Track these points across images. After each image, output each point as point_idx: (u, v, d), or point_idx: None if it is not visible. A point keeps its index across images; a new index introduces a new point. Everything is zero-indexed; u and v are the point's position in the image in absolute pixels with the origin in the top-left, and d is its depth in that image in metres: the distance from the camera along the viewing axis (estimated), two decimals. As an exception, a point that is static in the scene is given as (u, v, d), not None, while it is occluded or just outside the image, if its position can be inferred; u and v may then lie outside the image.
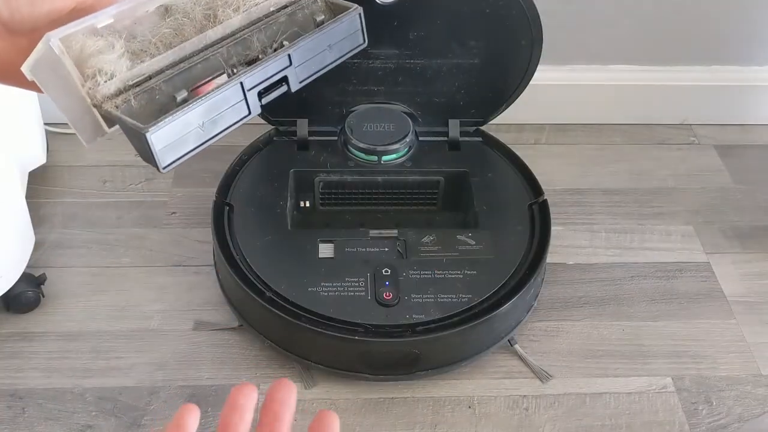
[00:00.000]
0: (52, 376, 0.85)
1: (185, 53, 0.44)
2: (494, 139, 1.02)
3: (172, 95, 0.43)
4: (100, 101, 0.41)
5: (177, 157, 0.42)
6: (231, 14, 0.46)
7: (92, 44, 0.41)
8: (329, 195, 0.97)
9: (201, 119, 0.42)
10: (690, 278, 1.00)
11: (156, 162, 0.41)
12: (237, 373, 0.86)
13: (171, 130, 0.41)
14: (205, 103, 0.42)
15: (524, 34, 0.93)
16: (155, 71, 0.43)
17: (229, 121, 0.44)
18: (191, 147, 0.42)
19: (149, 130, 0.39)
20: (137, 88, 0.42)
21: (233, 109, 0.44)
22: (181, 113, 0.41)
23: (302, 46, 0.46)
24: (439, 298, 0.82)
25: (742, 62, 1.20)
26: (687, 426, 0.83)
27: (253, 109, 0.45)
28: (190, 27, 0.45)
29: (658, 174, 1.16)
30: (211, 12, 0.45)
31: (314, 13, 0.49)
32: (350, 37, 0.49)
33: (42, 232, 1.01)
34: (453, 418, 0.83)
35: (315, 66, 0.48)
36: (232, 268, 0.84)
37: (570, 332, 0.93)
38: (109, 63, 0.41)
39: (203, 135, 0.43)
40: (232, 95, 0.43)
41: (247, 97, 0.44)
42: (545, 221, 0.91)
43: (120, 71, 0.41)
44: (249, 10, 0.47)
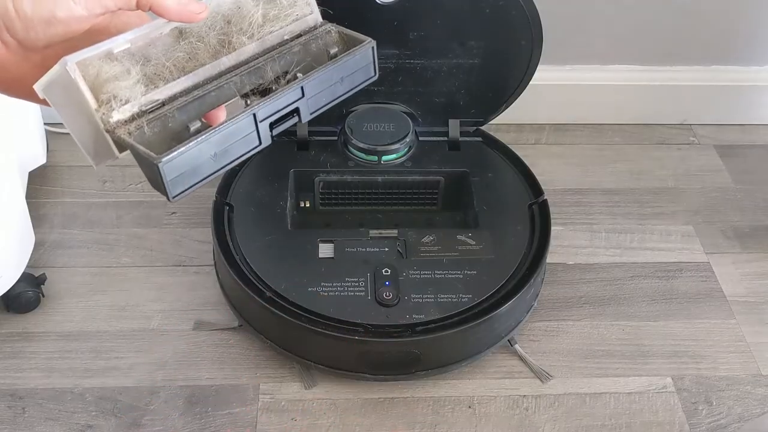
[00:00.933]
0: (52, 376, 0.85)
1: (199, 79, 0.44)
2: (494, 139, 1.02)
3: (186, 124, 0.43)
4: (113, 127, 0.41)
5: (186, 188, 0.42)
6: (245, 41, 0.46)
7: (108, 69, 0.41)
8: (329, 195, 0.97)
9: (213, 150, 0.42)
10: (690, 278, 1.00)
11: (166, 191, 0.41)
12: (237, 373, 0.86)
13: (183, 160, 0.41)
14: (218, 134, 0.42)
15: (524, 34, 0.93)
16: (169, 97, 0.43)
17: (240, 151, 0.44)
18: (201, 177, 0.42)
19: (161, 160, 0.39)
20: (150, 115, 0.42)
21: (245, 139, 0.44)
22: (194, 144, 0.41)
23: (315, 78, 0.46)
24: (439, 298, 0.82)
25: (742, 62, 1.20)
26: (687, 426, 0.83)
27: (264, 140, 0.45)
28: (204, 51, 0.45)
29: (658, 174, 1.16)
30: (225, 38, 0.45)
31: (328, 44, 0.49)
32: (362, 69, 0.49)
33: (42, 232, 1.01)
34: (453, 418, 0.83)
35: (326, 98, 0.48)
36: (232, 268, 0.84)
37: (570, 332, 0.93)
38: (124, 89, 0.41)
39: (214, 165, 0.43)
40: (244, 126, 0.43)
41: (259, 128, 0.44)
42: (545, 221, 0.91)
43: (135, 98, 0.41)
44: (263, 38, 0.47)
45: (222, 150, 0.43)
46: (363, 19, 0.92)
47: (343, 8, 0.88)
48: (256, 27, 0.46)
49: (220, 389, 0.85)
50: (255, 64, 0.46)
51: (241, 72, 0.45)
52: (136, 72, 0.42)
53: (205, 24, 0.45)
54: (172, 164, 0.40)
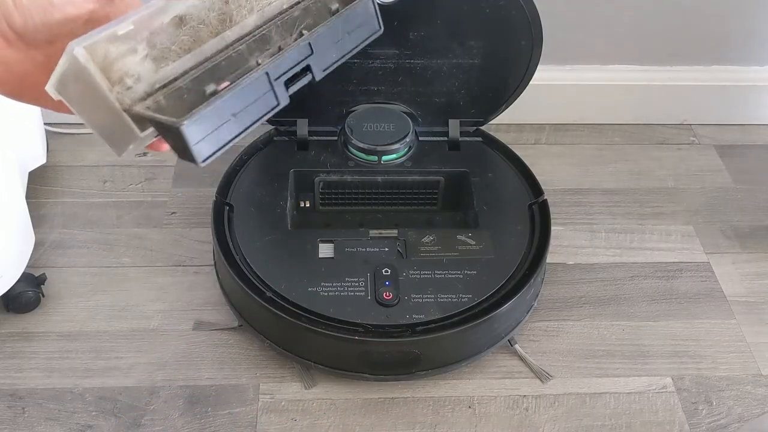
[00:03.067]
0: (52, 376, 0.85)
1: (206, 54, 0.45)
2: (494, 139, 1.02)
3: (201, 90, 0.43)
4: (130, 105, 0.41)
5: (213, 150, 0.42)
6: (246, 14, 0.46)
7: (115, 49, 0.41)
8: (329, 195, 0.97)
9: (232, 110, 0.42)
10: (690, 278, 1.00)
11: (193, 156, 0.41)
12: (237, 373, 0.86)
13: (204, 121, 0.41)
14: (233, 92, 0.42)
15: (524, 34, 0.93)
16: (180, 73, 0.43)
17: (260, 111, 0.44)
18: (226, 139, 0.43)
19: (183, 123, 0.39)
20: (165, 89, 0.42)
21: (262, 99, 0.44)
22: (212, 104, 0.41)
23: (321, 33, 0.47)
24: (439, 298, 0.82)
25: (742, 62, 1.20)
26: (687, 426, 0.83)
27: (282, 100, 0.45)
28: (206, 32, 0.45)
29: (658, 174, 1.16)
30: (226, 16, 0.46)
31: (327, 3, 0.50)
32: (366, 23, 0.51)
33: (42, 232, 1.01)
34: (453, 418, 0.83)
35: (336, 53, 0.49)
36: (232, 268, 0.84)
37: (570, 332, 0.93)
38: (134, 65, 0.41)
39: (236, 126, 0.43)
40: (259, 85, 0.44)
41: (275, 87, 0.45)
42: (545, 221, 0.91)
43: (146, 73, 0.41)
44: (263, 9, 0.47)
45: (241, 110, 0.43)
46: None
47: (343, 8, 0.88)
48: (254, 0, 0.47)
49: (220, 389, 0.85)
50: (259, 33, 0.47)
51: (247, 41, 0.46)
52: (143, 48, 0.42)
53: (204, 7, 0.46)
54: (194, 127, 0.40)
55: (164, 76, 0.43)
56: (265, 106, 0.45)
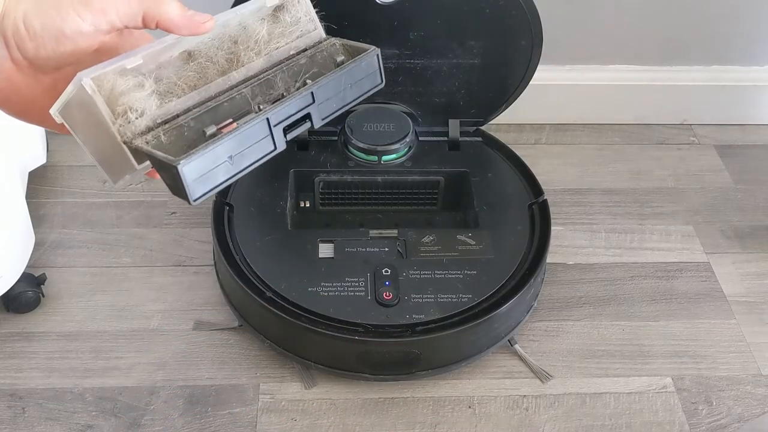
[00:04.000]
0: (52, 376, 0.85)
1: (211, 93, 0.46)
2: (494, 139, 1.02)
3: (201, 131, 0.44)
4: (130, 138, 0.42)
5: (207, 190, 0.43)
6: (253, 57, 0.47)
7: (123, 83, 0.42)
8: (329, 195, 0.97)
9: (229, 153, 0.43)
10: (690, 278, 1.00)
11: (187, 195, 0.41)
12: (237, 373, 0.86)
13: (201, 162, 0.41)
14: (233, 137, 0.43)
15: (524, 34, 0.93)
16: (183, 110, 0.44)
17: (256, 155, 0.45)
18: (220, 180, 0.43)
19: (180, 162, 0.40)
20: (166, 125, 0.43)
21: (260, 144, 0.45)
22: (211, 146, 0.42)
23: (324, 84, 0.48)
24: (439, 298, 0.82)
25: (742, 62, 1.20)
26: (687, 426, 0.83)
27: (279, 145, 0.46)
28: (213, 70, 0.46)
29: (658, 174, 1.16)
30: (234, 56, 0.47)
31: (334, 54, 0.51)
32: (369, 76, 0.51)
33: (42, 232, 1.01)
34: (453, 418, 0.83)
35: (336, 103, 0.49)
36: (232, 268, 0.84)
37: (570, 332, 0.93)
38: (139, 101, 0.42)
39: (232, 169, 0.44)
40: (258, 131, 0.45)
41: (273, 133, 0.45)
42: (545, 221, 0.91)
43: (150, 109, 0.42)
44: (270, 53, 0.48)
45: (238, 153, 0.44)
46: (363, 19, 0.92)
47: (344, 8, 0.88)
48: (262, 44, 0.48)
49: (220, 389, 0.85)
50: (264, 77, 0.47)
51: (251, 83, 0.47)
52: (150, 85, 0.43)
53: (213, 45, 0.46)
54: (191, 166, 0.41)
55: (167, 112, 0.43)
56: (262, 150, 0.45)
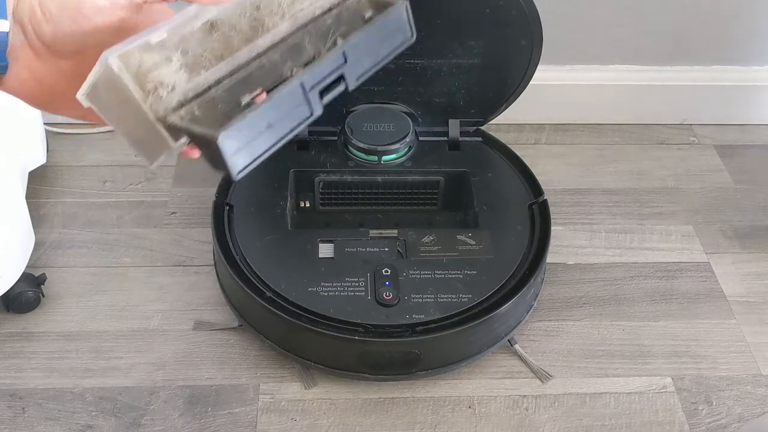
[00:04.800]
0: (52, 376, 0.85)
1: (239, 62, 0.44)
2: (494, 139, 1.02)
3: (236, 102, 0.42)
4: (163, 115, 0.40)
5: (248, 162, 0.41)
6: (278, 21, 0.45)
7: (150, 58, 0.40)
8: (329, 195, 0.97)
9: (267, 121, 0.41)
10: (690, 278, 1.00)
11: (228, 168, 0.40)
12: (237, 373, 0.86)
13: (240, 133, 0.40)
14: (268, 103, 0.41)
15: (524, 34, 0.93)
16: (213, 82, 0.43)
17: (294, 122, 0.44)
18: (261, 150, 0.42)
19: (219, 134, 0.38)
20: (198, 99, 0.41)
21: (296, 110, 0.43)
22: (248, 115, 0.40)
23: (355, 42, 0.46)
24: (439, 298, 0.82)
25: (742, 62, 1.20)
26: (687, 426, 0.83)
27: (315, 109, 0.44)
28: (237, 39, 0.44)
29: (658, 174, 1.16)
30: (258, 23, 0.45)
31: (361, 10, 0.49)
32: (399, 30, 0.50)
33: (42, 232, 1.01)
34: (453, 418, 0.83)
35: (369, 61, 0.48)
36: (232, 268, 0.84)
37: (570, 332, 0.93)
38: (169, 75, 0.40)
39: (270, 138, 0.42)
40: (293, 96, 0.43)
41: (309, 97, 0.44)
42: (545, 221, 0.91)
43: (180, 83, 0.41)
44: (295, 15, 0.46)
45: (275, 120, 0.42)
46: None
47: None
48: (286, 6, 0.46)
49: (220, 389, 0.85)
50: (292, 40, 0.46)
51: (280, 49, 0.45)
52: (177, 58, 0.41)
53: (235, 12, 0.44)
54: (230, 138, 0.39)
55: (197, 85, 0.42)
56: (299, 116, 0.44)
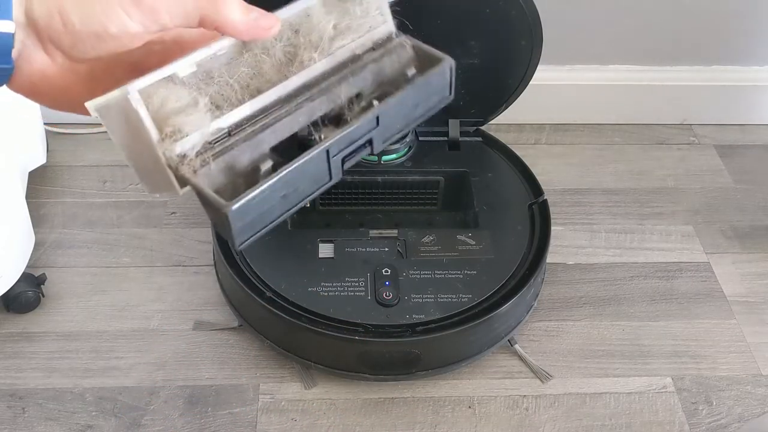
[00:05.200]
0: (52, 376, 0.85)
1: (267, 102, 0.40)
2: (494, 139, 1.02)
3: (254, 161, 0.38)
4: (176, 162, 0.37)
5: (252, 234, 0.38)
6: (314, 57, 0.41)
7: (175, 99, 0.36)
8: (329, 195, 0.97)
9: (283, 191, 0.38)
10: (690, 278, 1.00)
11: (232, 239, 0.37)
12: (237, 373, 0.86)
13: (252, 205, 0.36)
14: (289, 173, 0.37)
15: (524, 34, 0.93)
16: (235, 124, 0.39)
17: (310, 189, 0.40)
18: (269, 221, 0.38)
19: (230, 208, 0.35)
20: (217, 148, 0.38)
21: (315, 176, 0.39)
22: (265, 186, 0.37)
23: (391, 104, 0.41)
24: (439, 298, 0.82)
25: (742, 62, 1.20)
26: (687, 426, 0.83)
27: (335, 176, 0.40)
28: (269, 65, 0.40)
29: (658, 174, 1.16)
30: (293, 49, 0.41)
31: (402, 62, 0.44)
32: (439, 90, 0.44)
33: (42, 232, 1.01)
34: (453, 418, 0.83)
35: (401, 124, 0.43)
36: (232, 268, 0.84)
37: (570, 332, 0.93)
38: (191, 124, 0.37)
39: (282, 207, 0.38)
40: (316, 163, 0.39)
41: (331, 164, 0.40)
42: (545, 221, 0.91)
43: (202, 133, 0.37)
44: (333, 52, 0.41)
45: (292, 190, 0.38)
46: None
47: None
48: (326, 40, 0.41)
49: (220, 389, 0.85)
50: (326, 86, 0.41)
51: (312, 96, 0.40)
52: (204, 104, 0.37)
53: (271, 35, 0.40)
54: (241, 211, 0.36)
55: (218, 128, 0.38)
56: (316, 182, 0.40)
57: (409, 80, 0.43)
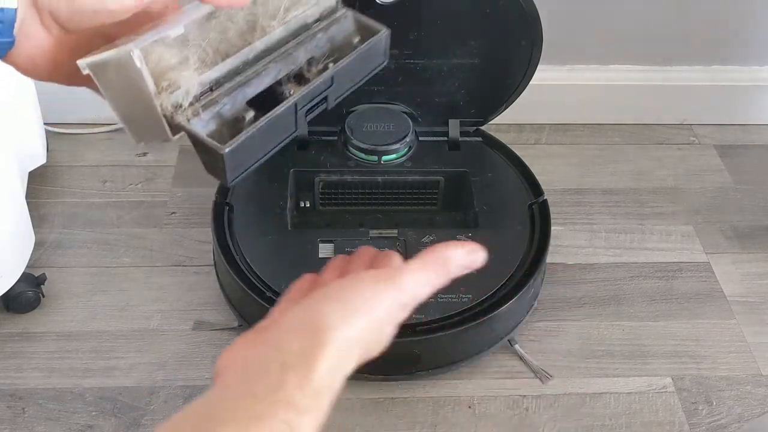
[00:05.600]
0: (52, 376, 0.85)
1: (237, 63, 0.46)
2: (494, 139, 1.02)
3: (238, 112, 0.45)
4: (171, 112, 0.42)
5: (240, 172, 0.44)
6: (273, 24, 0.48)
7: (169, 56, 0.42)
8: (329, 195, 0.97)
9: (263, 137, 0.44)
10: (690, 278, 1.00)
11: (225, 177, 0.43)
12: (237, 373, 0.86)
13: (241, 148, 0.43)
14: (268, 119, 0.44)
15: (524, 34, 0.93)
16: (214, 81, 0.45)
17: (281, 137, 0.46)
18: (251, 163, 0.45)
19: (225, 150, 0.41)
20: (202, 99, 0.44)
21: (284, 126, 0.46)
22: (251, 131, 0.43)
23: (343, 67, 0.49)
24: (439, 298, 0.82)
25: (742, 62, 1.20)
26: (687, 426, 0.83)
27: (300, 126, 0.47)
28: (233, 31, 0.46)
29: (658, 174, 1.16)
30: (253, 19, 0.47)
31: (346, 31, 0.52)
32: (378, 56, 0.52)
33: (42, 232, 1.01)
34: (453, 418, 0.83)
35: (349, 84, 0.51)
36: (232, 268, 0.84)
37: (570, 332, 0.92)
38: (185, 78, 0.42)
39: (261, 151, 0.45)
40: (287, 113, 0.46)
41: (297, 116, 0.47)
42: (545, 221, 0.91)
43: (193, 87, 0.43)
44: (287, 21, 0.48)
45: (268, 135, 0.45)
46: (363, 19, 0.92)
47: (343, 8, 0.88)
48: (282, 11, 0.48)
49: (220, 389, 0.85)
50: (286, 50, 0.48)
51: (275, 58, 0.48)
52: (194, 61, 0.43)
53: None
54: (234, 152, 0.42)
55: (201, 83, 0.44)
56: (285, 132, 0.47)
57: (355, 47, 0.51)
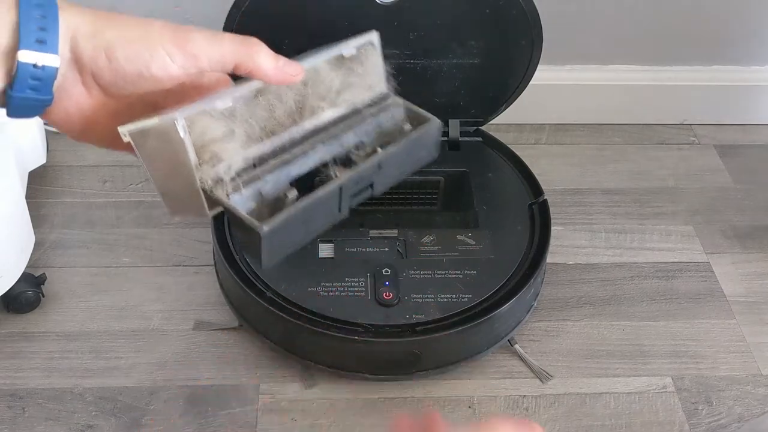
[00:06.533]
0: (52, 376, 0.85)
1: (284, 141, 0.45)
2: (494, 139, 1.02)
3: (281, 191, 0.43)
4: (210, 186, 0.40)
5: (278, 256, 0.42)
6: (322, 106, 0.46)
7: (215, 129, 0.40)
8: (329, 195, 0.96)
9: (304, 219, 0.43)
10: (690, 278, 1.00)
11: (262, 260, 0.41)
12: (237, 373, 0.86)
13: (282, 228, 0.41)
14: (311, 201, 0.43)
15: (524, 34, 0.93)
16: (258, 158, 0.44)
17: (324, 221, 0.45)
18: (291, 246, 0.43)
19: (264, 229, 0.39)
20: (244, 176, 0.42)
21: (328, 209, 0.45)
22: (292, 211, 0.41)
23: (391, 153, 0.48)
24: (439, 298, 0.82)
25: (742, 62, 1.20)
26: (687, 426, 0.83)
27: (343, 211, 0.46)
28: (281, 110, 0.45)
29: (658, 174, 1.16)
30: (302, 99, 0.46)
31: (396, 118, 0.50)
32: (427, 147, 0.51)
33: (42, 232, 1.01)
34: (453, 418, 0.83)
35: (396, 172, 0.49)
36: (232, 268, 0.84)
37: (570, 332, 0.93)
38: (229, 152, 0.41)
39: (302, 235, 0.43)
40: (331, 197, 0.45)
41: (342, 200, 0.46)
42: (545, 221, 0.91)
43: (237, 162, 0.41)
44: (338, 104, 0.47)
45: (311, 218, 0.43)
46: (363, 18, 0.92)
47: (344, 8, 0.88)
48: (333, 93, 0.47)
49: (220, 389, 0.85)
50: (334, 133, 0.47)
51: (323, 139, 0.46)
52: (239, 134, 0.42)
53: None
54: (273, 232, 0.40)
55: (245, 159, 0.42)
56: (329, 216, 0.45)
57: (405, 134, 0.49)
